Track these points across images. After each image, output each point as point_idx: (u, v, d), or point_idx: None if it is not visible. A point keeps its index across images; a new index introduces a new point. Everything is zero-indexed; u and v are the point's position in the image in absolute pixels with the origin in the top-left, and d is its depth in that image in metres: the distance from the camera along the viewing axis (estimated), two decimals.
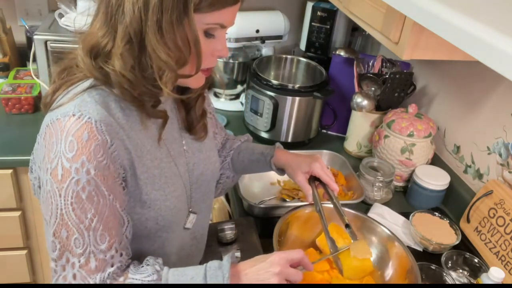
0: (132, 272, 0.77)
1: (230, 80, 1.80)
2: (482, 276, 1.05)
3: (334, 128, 1.70)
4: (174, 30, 0.70)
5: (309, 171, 1.04)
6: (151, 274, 0.76)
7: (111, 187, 0.74)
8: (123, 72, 0.73)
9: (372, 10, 1.07)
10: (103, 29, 0.74)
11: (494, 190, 1.21)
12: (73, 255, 0.73)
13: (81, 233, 0.72)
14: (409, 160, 1.39)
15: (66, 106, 0.73)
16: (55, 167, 0.71)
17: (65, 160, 0.70)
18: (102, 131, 0.72)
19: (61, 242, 0.73)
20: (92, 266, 0.73)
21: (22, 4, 1.83)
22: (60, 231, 0.72)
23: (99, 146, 0.71)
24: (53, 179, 0.71)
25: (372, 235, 1.11)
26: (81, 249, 0.72)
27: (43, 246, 1.63)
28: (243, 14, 1.75)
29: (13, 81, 1.68)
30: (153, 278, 0.76)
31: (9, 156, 1.41)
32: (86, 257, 0.73)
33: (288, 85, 1.52)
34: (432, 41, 0.94)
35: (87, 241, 0.73)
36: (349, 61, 1.65)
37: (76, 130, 0.71)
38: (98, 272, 0.74)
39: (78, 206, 0.71)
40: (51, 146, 0.72)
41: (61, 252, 0.73)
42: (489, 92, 1.29)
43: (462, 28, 0.57)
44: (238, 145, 1.14)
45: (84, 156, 0.70)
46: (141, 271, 0.77)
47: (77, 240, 0.72)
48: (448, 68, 1.47)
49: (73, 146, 0.70)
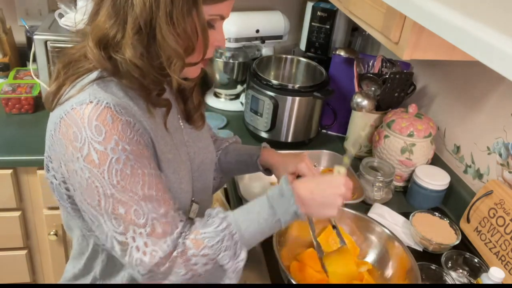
0: (202, 228, 0.79)
1: (230, 80, 1.80)
2: (482, 276, 1.05)
3: (334, 128, 1.70)
4: (185, 20, 0.74)
5: (295, 172, 1.04)
6: (220, 224, 0.78)
7: (148, 158, 0.77)
8: (134, 60, 0.75)
9: (372, 10, 1.07)
10: (110, 21, 0.75)
11: (494, 190, 1.21)
12: (138, 226, 0.74)
13: (138, 204, 0.74)
14: (409, 160, 1.39)
15: (78, 96, 0.74)
16: (88, 153, 0.71)
17: (96, 145, 0.71)
18: (122, 113, 0.74)
19: (122, 218, 0.74)
20: (159, 231, 0.75)
21: (22, 4, 1.83)
22: (117, 209, 0.73)
23: (125, 125, 0.73)
24: (90, 165, 0.72)
25: (372, 235, 1.11)
26: (143, 219, 0.74)
27: (43, 246, 1.63)
28: (243, 14, 1.76)
29: (13, 81, 1.68)
30: (224, 225, 0.78)
31: (9, 156, 1.41)
32: (151, 225, 0.75)
33: (288, 85, 1.52)
34: (432, 41, 0.94)
35: (146, 210, 0.74)
36: (349, 61, 1.65)
37: (98, 115, 0.72)
38: (167, 236, 0.75)
39: (126, 182, 0.73)
40: (73, 136, 0.72)
41: (125, 226, 0.74)
42: (489, 92, 1.29)
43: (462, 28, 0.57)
44: (226, 146, 1.15)
45: (115, 136, 0.72)
46: (209, 224, 0.79)
47: (136, 212, 0.74)
48: (448, 68, 1.47)
49: (100, 129, 0.71)
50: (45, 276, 1.71)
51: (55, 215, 1.54)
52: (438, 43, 0.94)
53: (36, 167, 1.45)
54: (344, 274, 0.98)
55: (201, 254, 0.76)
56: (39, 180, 1.47)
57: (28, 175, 1.47)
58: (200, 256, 0.76)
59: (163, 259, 0.74)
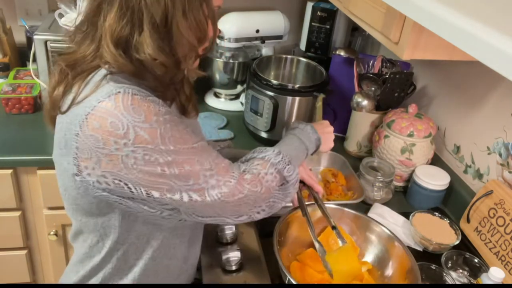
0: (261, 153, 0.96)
1: (230, 80, 1.80)
2: (482, 276, 1.05)
3: (334, 128, 1.69)
4: (199, 12, 0.78)
5: None
6: (274, 149, 0.96)
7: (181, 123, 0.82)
8: (156, 57, 0.76)
9: (372, 10, 1.07)
10: (122, 22, 0.76)
11: (494, 190, 1.21)
12: (205, 170, 0.81)
13: (197, 154, 0.81)
14: (409, 160, 1.39)
15: (98, 91, 0.75)
16: (135, 135, 0.74)
17: (141, 124, 0.74)
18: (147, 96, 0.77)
19: (190, 173, 0.79)
20: (222, 166, 0.85)
21: (22, 4, 1.83)
22: (184, 168, 0.79)
23: (155, 103, 0.77)
24: (142, 144, 0.74)
25: (372, 235, 1.11)
26: (207, 164, 0.82)
27: (43, 246, 1.63)
28: (243, 14, 1.75)
29: (13, 81, 1.68)
30: (277, 150, 0.96)
31: (9, 156, 1.41)
32: (215, 166, 0.83)
33: (288, 85, 1.52)
34: (432, 41, 0.94)
35: (205, 156, 0.82)
36: (349, 61, 1.65)
37: (131, 101, 0.74)
38: (229, 167, 0.86)
39: (179, 144, 0.78)
40: (111, 126, 0.73)
41: (195, 177, 0.80)
42: (489, 92, 1.29)
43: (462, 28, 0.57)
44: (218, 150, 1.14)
45: (152, 112, 0.75)
46: (266, 150, 0.96)
47: (199, 162, 0.81)
48: (448, 68, 1.47)
49: (139, 111, 0.74)
50: (45, 276, 1.71)
51: (55, 215, 1.54)
52: (438, 43, 0.94)
53: (36, 167, 1.45)
54: (348, 271, 0.98)
55: (269, 172, 0.91)
56: (39, 180, 1.47)
57: (28, 175, 1.47)
58: (269, 174, 0.91)
59: (239, 181, 0.85)
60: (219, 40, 1.73)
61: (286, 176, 0.93)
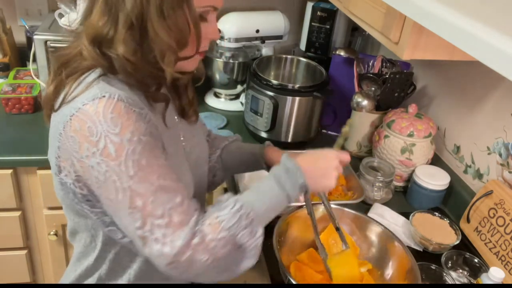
0: (217, 211, 0.79)
1: (230, 80, 1.80)
2: (482, 276, 1.05)
3: (334, 128, 1.70)
4: (175, 13, 0.74)
5: None
6: (233, 206, 0.79)
7: (160, 149, 0.78)
8: (127, 56, 0.75)
9: (372, 10, 1.07)
10: (103, 19, 0.76)
11: (494, 190, 1.21)
12: (155, 217, 0.74)
13: (155, 195, 0.74)
14: (409, 160, 1.39)
15: (87, 93, 0.74)
16: (104, 146, 0.72)
17: (113, 137, 0.71)
18: (134, 105, 0.75)
19: (140, 210, 0.74)
20: (176, 222, 0.75)
21: (22, 4, 1.83)
22: (135, 202, 0.73)
23: (138, 117, 0.74)
24: (107, 158, 0.72)
25: (372, 235, 1.11)
26: (160, 210, 0.74)
27: (43, 246, 1.63)
28: (243, 14, 1.75)
29: (13, 81, 1.68)
30: (238, 206, 0.79)
31: (9, 156, 1.41)
32: (168, 215, 0.74)
33: (288, 85, 1.52)
34: (432, 41, 0.94)
35: (162, 200, 0.74)
36: (349, 61, 1.65)
37: (113, 108, 0.72)
38: (184, 226, 0.75)
39: (142, 173, 0.73)
40: (88, 131, 0.72)
41: (143, 220, 0.74)
42: (489, 92, 1.29)
43: (462, 28, 0.57)
44: (226, 144, 1.15)
45: (130, 126, 0.73)
46: (224, 207, 0.79)
47: (153, 203, 0.74)
48: (448, 68, 1.47)
49: (117, 121, 0.72)
50: (45, 276, 1.71)
51: (55, 215, 1.54)
52: (438, 43, 0.94)
53: (36, 167, 1.45)
54: (348, 277, 0.98)
55: (219, 237, 0.76)
56: (39, 180, 1.47)
57: (28, 175, 1.47)
58: (218, 240, 0.76)
59: (183, 248, 0.74)
60: (219, 40, 1.73)
61: (241, 244, 0.78)
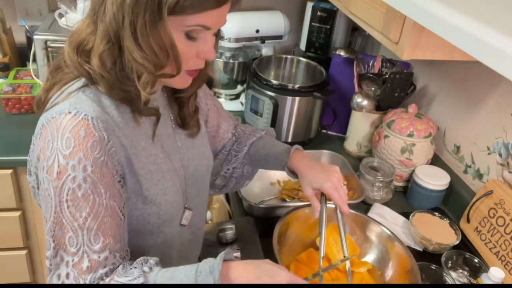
0: (119, 275, 0.73)
1: (230, 80, 1.80)
2: (482, 276, 1.05)
3: (334, 128, 1.70)
4: (148, 33, 0.69)
5: (320, 188, 0.98)
6: (137, 277, 0.73)
7: (109, 185, 0.73)
8: (101, 72, 0.73)
9: (372, 10, 1.07)
10: (91, 27, 0.74)
11: (494, 190, 1.21)
12: (67, 253, 0.72)
13: (75, 231, 0.71)
14: (409, 160, 1.39)
15: (61, 105, 0.73)
16: (52, 164, 0.70)
17: (61, 157, 0.70)
18: (99, 128, 0.72)
19: (56, 240, 0.72)
20: (84, 267, 0.72)
21: (22, 4, 1.83)
22: (55, 229, 0.72)
23: (96, 143, 0.71)
24: (50, 177, 0.71)
25: (372, 235, 1.11)
26: (75, 248, 0.72)
27: (43, 246, 1.63)
28: (243, 14, 1.75)
29: (13, 81, 1.68)
30: (139, 281, 0.72)
31: (9, 156, 1.41)
32: (80, 257, 0.72)
33: (288, 85, 1.52)
34: (432, 41, 0.94)
35: (81, 240, 0.72)
36: (349, 61, 1.65)
37: (72, 127, 0.70)
38: (90, 273, 0.72)
39: (73, 204, 0.71)
40: (47, 145, 0.71)
41: (55, 250, 0.73)
42: (489, 92, 1.29)
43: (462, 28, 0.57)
44: (254, 141, 1.11)
45: (81, 152, 0.70)
46: (128, 274, 0.73)
47: (71, 239, 0.71)
48: (448, 68, 1.47)
49: (70, 143, 0.70)
50: (45, 276, 1.70)
51: None
52: (438, 43, 0.94)
53: None
54: None
55: None
56: None
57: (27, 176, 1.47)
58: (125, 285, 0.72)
59: None
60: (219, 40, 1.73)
61: None
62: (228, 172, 1.13)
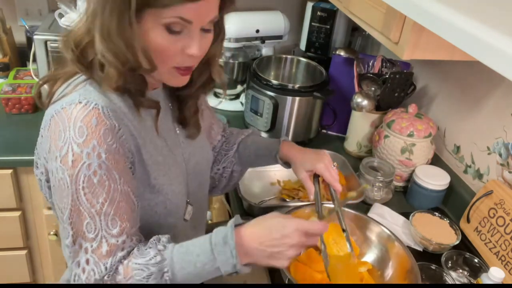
0: (136, 257, 0.76)
1: (230, 80, 1.80)
2: (482, 276, 1.05)
3: (334, 128, 1.70)
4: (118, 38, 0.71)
5: (313, 170, 1.02)
6: (153, 256, 0.75)
7: (122, 171, 0.75)
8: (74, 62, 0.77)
9: (372, 10, 1.07)
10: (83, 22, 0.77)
11: (494, 190, 1.21)
12: (85, 240, 0.74)
13: (93, 217, 0.73)
14: (409, 160, 1.39)
15: (70, 96, 0.75)
16: (65, 153, 0.72)
17: (75, 146, 0.71)
18: (109, 116, 0.73)
19: (74, 227, 0.74)
20: (104, 251, 0.74)
21: (22, 4, 1.83)
22: (73, 217, 0.73)
23: (108, 130, 0.73)
24: (64, 166, 0.72)
25: (372, 235, 1.11)
26: (93, 234, 0.74)
27: (43, 246, 1.63)
28: (243, 14, 1.75)
29: (13, 81, 1.68)
30: (157, 260, 0.75)
31: (9, 156, 1.41)
32: (98, 242, 0.74)
33: (288, 85, 1.52)
34: (432, 41, 0.94)
35: (99, 225, 0.74)
36: (349, 61, 1.65)
37: (84, 116, 0.72)
38: (109, 257, 0.74)
39: (89, 191, 0.72)
40: (58, 135, 0.73)
41: (74, 238, 0.74)
42: (489, 92, 1.29)
43: (462, 28, 0.57)
44: (242, 138, 1.14)
45: (94, 140, 0.71)
46: (144, 255, 0.76)
47: (89, 225, 0.73)
48: (448, 68, 1.47)
49: (83, 131, 0.71)
50: (45, 276, 1.71)
51: (55, 215, 1.54)
52: (438, 43, 0.94)
53: None
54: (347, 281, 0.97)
55: (128, 282, 0.75)
56: None
57: (28, 175, 1.47)
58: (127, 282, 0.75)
59: (97, 281, 0.74)
60: None
61: None
62: (218, 172, 1.14)
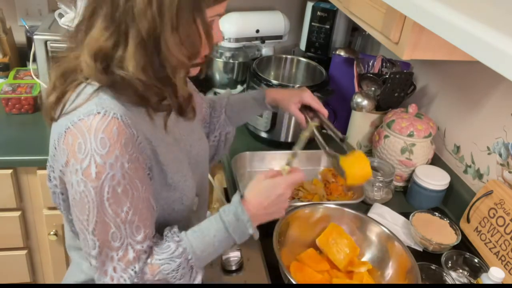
0: (158, 253, 0.79)
1: (230, 80, 1.80)
2: (482, 276, 1.05)
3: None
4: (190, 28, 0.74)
5: (300, 101, 1.14)
6: (175, 249, 0.79)
7: (142, 178, 0.77)
8: (138, 75, 0.73)
9: (372, 10, 1.07)
10: (106, 33, 0.73)
11: (494, 190, 1.21)
12: (111, 249, 0.75)
13: (118, 227, 0.74)
14: (409, 160, 1.39)
15: (85, 106, 0.73)
16: (87, 165, 0.71)
17: (98, 157, 0.71)
18: (129, 124, 0.74)
19: (100, 238, 0.75)
20: (130, 257, 0.76)
21: (22, 4, 1.83)
22: (99, 228, 0.74)
23: (128, 140, 0.73)
24: (87, 178, 0.72)
25: (372, 235, 1.11)
26: (119, 242, 0.75)
27: (43, 246, 1.63)
28: (243, 14, 1.75)
29: (13, 81, 1.68)
30: (179, 251, 0.79)
31: (9, 156, 1.41)
32: (124, 250, 0.76)
33: (288, 85, 1.52)
34: (432, 41, 0.94)
35: (124, 234, 0.75)
36: (349, 61, 1.65)
37: (105, 127, 0.71)
38: (136, 262, 0.77)
39: (114, 201, 0.73)
40: (78, 147, 0.72)
41: (100, 248, 0.75)
42: (489, 92, 1.29)
43: (462, 28, 0.57)
44: (226, 101, 1.19)
45: (117, 150, 0.71)
46: (165, 249, 0.79)
47: (114, 234, 0.75)
48: (448, 68, 1.47)
49: (105, 142, 0.71)
50: (45, 276, 1.71)
51: (55, 215, 1.54)
52: (438, 43, 0.94)
53: (36, 167, 1.45)
54: (361, 175, 1.00)
55: (156, 278, 0.79)
56: (39, 180, 1.47)
57: (28, 175, 1.47)
58: (154, 280, 0.79)
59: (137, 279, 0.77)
60: None
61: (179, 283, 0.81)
62: (216, 139, 1.18)
